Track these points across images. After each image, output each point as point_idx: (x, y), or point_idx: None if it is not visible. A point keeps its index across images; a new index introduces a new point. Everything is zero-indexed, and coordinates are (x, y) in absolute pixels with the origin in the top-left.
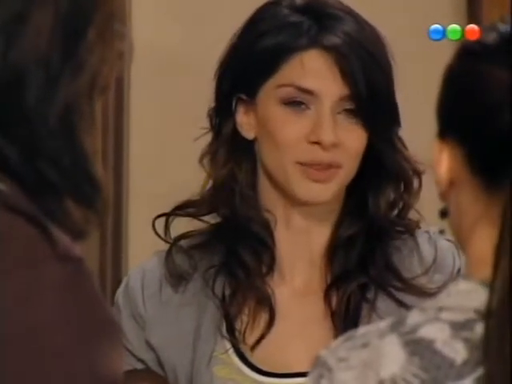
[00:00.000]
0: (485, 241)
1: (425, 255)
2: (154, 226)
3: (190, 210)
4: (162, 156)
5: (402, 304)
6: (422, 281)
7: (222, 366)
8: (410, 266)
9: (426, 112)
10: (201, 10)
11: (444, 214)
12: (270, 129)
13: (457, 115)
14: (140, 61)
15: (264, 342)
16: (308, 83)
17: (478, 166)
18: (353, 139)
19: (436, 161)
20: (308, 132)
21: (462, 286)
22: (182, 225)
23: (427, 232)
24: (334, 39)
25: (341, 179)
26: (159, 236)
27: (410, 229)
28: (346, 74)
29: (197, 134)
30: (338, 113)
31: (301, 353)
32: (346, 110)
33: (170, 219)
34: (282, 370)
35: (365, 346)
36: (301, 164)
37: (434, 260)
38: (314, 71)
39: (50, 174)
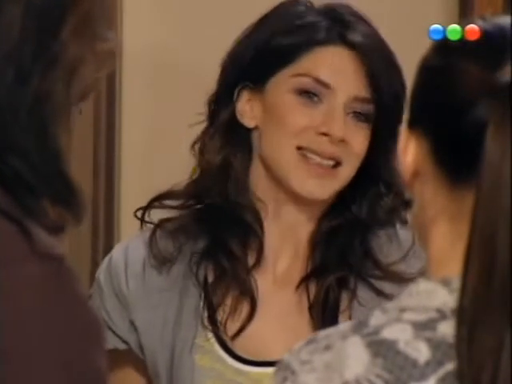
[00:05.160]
0: (444, 237)
1: (402, 240)
2: (138, 217)
3: (169, 202)
4: (153, 151)
5: (380, 293)
6: (401, 267)
7: (203, 354)
8: (388, 253)
9: None
10: (192, 8)
11: (408, 203)
12: (278, 114)
13: (427, 107)
14: (131, 58)
15: (244, 331)
16: (326, 76)
17: (442, 160)
18: (358, 140)
19: (402, 150)
20: (318, 124)
21: (423, 286)
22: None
23: (404, 217)
24: (358, 37)
25: (340, 179)
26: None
27: (393, 222)
28: (371, 76)
29: (188, 129)
30: (347, 113)
31: (280, 342)
32: (355, 113)
33: (151, 210)
34: (262, 358)
35: (327, 348)
36: (300, 150)
37: (412, 244)
38: (334, 65)
39: (23, 171)
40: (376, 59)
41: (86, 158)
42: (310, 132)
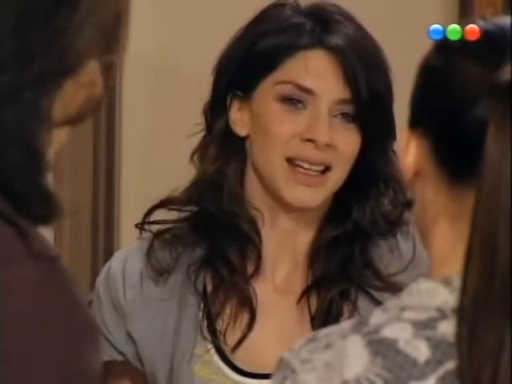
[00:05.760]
0: (445, 237)
1: (403, 251)
2: (139, 227)
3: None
4: (153, 154)
5: (381, 304)
6: (401, 278)
7: (203, 364)
8: (389, 263)
9: None
10: (192, 12)
11: (410, 204)
12: (264, 124)
13: (428, 107)
14: (131, 61)
15: (244, 342)
16: (308, 82)
17: (443, 160)
18: (346, 142)
19: (403, 150)
20: (302, 130)
21: (423, 285)
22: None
23: (406, 224)
24: (337, 40)
25: (330, 184)
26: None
27: (394, 231)
28: (348, 76)
29: (188, 132)
30: (334, 116)
31: (280, 353)
32: (343, 114)
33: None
34: (262, 370)
35: (328, 346)
36: (289, 161)
37: (413, 256)
38: (315, 71)
39: (3, 173)
40: (354, 60)
41: (85, 160)
42: (296, 140)
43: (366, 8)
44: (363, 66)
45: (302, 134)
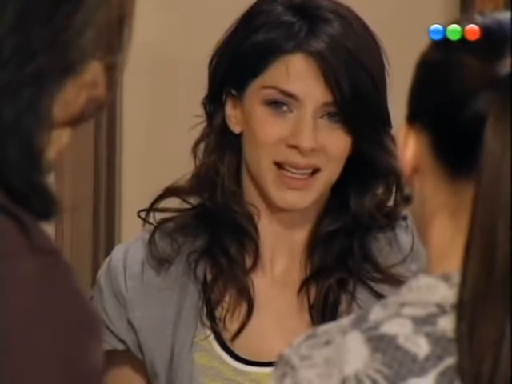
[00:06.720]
0: (444, 232)
1: (402, 244)
2: (141, 218)
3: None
4: (155, 153)
5: (380, 296)
6: (400, 270)
7: (203, 352)
8: (388, 256)
9: None
10: (192, 5)
11: (408, 199)
12: (252, 127)
13: (426, 102)
14: (132, 56)
15: (244, 330)
16: (291, 87)
17: (442, 154)
18: (334, 143)
19: (402, 145)
20: (287, 135)
21: (423, 280)
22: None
23: (405, 219)
24: (318, 44)
25: (319, 185)
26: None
27: (393, 224)
28: (330, 79)
29: (188, 127)
30: (321, 117)
31: (280, 342)
32: (329, 114)
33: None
34: (262, 358)
35: (327, 343)
36: (277, 165)
37: (411, 249)
38: (298, 75)
39: (2, 169)
40: (335, 63)
41: (86, 155)
42: (281, 144)
43: (366, 8)
44: (347, 67)
45: (287, 139)
